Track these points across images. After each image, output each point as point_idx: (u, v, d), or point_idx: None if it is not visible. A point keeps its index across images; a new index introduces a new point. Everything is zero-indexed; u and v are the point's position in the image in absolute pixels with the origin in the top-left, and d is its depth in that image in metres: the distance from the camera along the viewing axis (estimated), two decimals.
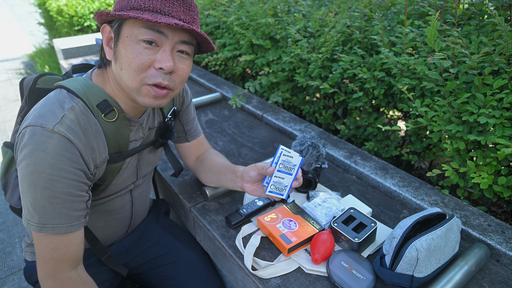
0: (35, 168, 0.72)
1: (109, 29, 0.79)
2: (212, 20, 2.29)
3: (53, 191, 0.74)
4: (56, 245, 0.79)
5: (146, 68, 0.76)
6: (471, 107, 1.03)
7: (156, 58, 0.75)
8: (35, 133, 0.73)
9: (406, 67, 1.23)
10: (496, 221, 0.98)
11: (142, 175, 1.06)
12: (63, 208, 0.76)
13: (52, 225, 0.77)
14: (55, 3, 3.94)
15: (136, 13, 0.72)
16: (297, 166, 0.87)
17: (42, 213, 0.75)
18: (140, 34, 0.74)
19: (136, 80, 0.77)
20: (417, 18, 1.45)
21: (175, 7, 0.75)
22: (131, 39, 0.75)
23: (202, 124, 1.66)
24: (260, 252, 0.93)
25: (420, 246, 0.78)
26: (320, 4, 1.94)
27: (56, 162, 0.73)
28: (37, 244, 0.79)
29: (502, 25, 0.93)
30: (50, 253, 0.79)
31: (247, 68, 2.22)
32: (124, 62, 0.76)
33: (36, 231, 0.77)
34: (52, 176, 0.73)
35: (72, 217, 0.78)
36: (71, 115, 0.77)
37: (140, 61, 0.75)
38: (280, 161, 0.86)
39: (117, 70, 0.78)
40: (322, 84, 1.47)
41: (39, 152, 0.72)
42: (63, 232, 0.78)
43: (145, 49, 0.75)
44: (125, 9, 0.74)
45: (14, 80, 4.38)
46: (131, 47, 0.75)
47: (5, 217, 2.11)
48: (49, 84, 0.93)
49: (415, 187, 1.13)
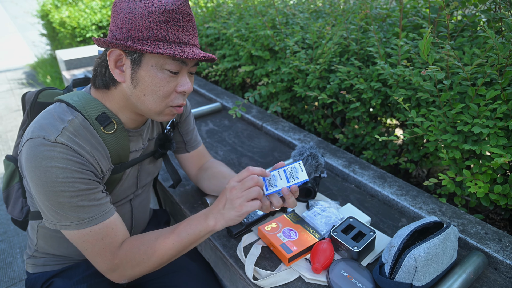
0: (47, 177, 0.74)
1: (120, 53, 0.79)
2: (212, 32, 2.34)
3: (72, 191, 0.76)
4: (104, 233, 0.82)
5: (170, 94, 0.83)
6: (465, 117, 1.05)
7: (178, 82, 0.83)
8: (38, 145, 0.75)
9: (402, 78, 1.26)
10: (493, 229, 1.00)
11: (142, 185, 1.08)
12: (90, 201, 0.80)
13: (89, 218, 0.80)
14: (58, 15, 4.00)
15: (166, 46, 0.76)
16: (299, 180, 0.84)
17: (73, 212, 0.78)
18: (166, 64, 0.78)
19: (162, 104, 0.83)
20: (411, 30, 1.49)
21: (191, 34, 0.80)
22: (156, 68, 0.79)
23: (202, 134, 1.68)
24: (261, 262, 0.94)
25: (418, 255, 0.79)
26: (317, 16, 1.99)
27: (66, 166, 0.75)
28: (85, 242, 0.81)
29: (493, 38, 0.96)
30: (102, 243, 0.82)
31: (247, 78, 2.25)
32: (149, 89, 0.80)
33: (76, 228, 0.79)
34: (66, 179, 0.75)
35: (102, 206, 0.82)
36: (71, 128, 0.79)
37: (167, 89, 0.81)
38: (292, 165, 0.86)
39: (138, 95, 0.82)
40: (320, 94, 1.50)
41: (47, 160, 0.74)
42: (103, 221, 0.82)
43: (171, 77, 0.81)
44: (148, 39, 0.75)
45: (16, 90, 4.42)
46: (157, 76, 0.79)
47: (6, 227, 2.12)
48: (50, 98, 0.96)
49: (413, 196, 1.15)
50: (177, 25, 0.77)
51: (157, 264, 0.85)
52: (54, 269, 1.03)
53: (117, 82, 0.84)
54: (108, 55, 0.80)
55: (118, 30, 0.77)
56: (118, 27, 0.77)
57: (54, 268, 1.04)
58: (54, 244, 1.00)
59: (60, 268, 1.03)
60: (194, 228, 0.84)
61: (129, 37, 0.76)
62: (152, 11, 0.75)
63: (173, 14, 0.76)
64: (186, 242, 0.84)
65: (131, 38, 0.76)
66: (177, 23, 0.77)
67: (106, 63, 0.83)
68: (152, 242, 0.84)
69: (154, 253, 0.84)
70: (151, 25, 0.75)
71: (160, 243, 0.84)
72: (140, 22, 0.75)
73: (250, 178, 0.80)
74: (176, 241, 0.84)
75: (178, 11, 0.77)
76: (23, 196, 1.02)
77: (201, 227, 0.83)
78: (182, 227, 0.85)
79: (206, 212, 0.85)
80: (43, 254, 1.03)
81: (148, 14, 0.75)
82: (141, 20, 0.75)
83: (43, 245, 1.01)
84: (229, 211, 0.80)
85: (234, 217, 0.80)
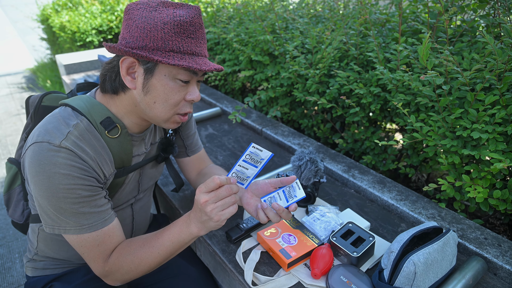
0: (50, 182, 0.75)
1: (133, 61, 0.80)
2: (212, 37, 2.35)
3: (74, 198, 0.78)
4: (101, 240, 0.83)
5: (180, 102, 0.85)
6: (464, 122, 1.06)
7: (187, 92, 0.85)
8: (43, 149, 0.76)
9: (401, 83, 1.26)
10: (493, 234, 1.00)
11: (144, 190, 1.08)
12: (91, 208, 0.81)
13: (89, 224, 0.81)
14: (58, 19, 4.02)
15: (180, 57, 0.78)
16: (264, 160, 0.84)
17: (74, 217, 0.79)
18: (179, 74, 0.81)
19: (170, 112, 0.85)
20: (410, 35, 1.49)
21: (202, 46, 0.82)
22: (169, 77, 0.80)
23: (202, 138, 1.68)
24: (260, 267, 0.94)
25: (418, 261, 0.79)
26: (317, 21, 2.00)
27: (69, 172, 0.76)
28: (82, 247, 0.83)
29: (492, 44, 0.97)
30: (97, 250, 0.84)
31: (247, 83, 2.26)
32: (160, 97, 0.82)
33: (76, 233, 0.81)
34: (69, 185, 0.76)
35: (102, 212, 0.83)
36: (76, 132, 0.80)
37: (178, 98, 0.84)
38: (248, 152, 0.84)
39: (148, 102, 0.83)
40: (320, 99, 1.50)
41: (50, 166, 0.75)
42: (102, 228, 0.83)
43: (181, 87, 0.83)
44: (163, 50, 0.77)
45: (16, 94, 4.43)
46: (169, 85, 0.81)
47: (5, 232, 2.11)
48: (54, 102, 0.96)
49: (413, 201, 1.15)
50: (191, 36, 0.79)
51: (146, 270, 0.87)
52: (53, 273, 1.04)
53: (127, 88, 0.85)
54: (121, 62, 0.81)
55: (132, 38, 0.78)
56: (132, 35, 0.78)
57: (54, 272, 1.04)
58: (55, 248, 1.00)
59: (60, 272, 1.03)
60: (177, 236, 0.84)
61: (143, 46, 0.77)
62: (168, 22, 0.76)
63: (187, 26, 0.78)
64: (171, 249, 0.85)
65: (146, 48, 0.77)
66: (191, 35, 0.79)
67: (117, 69, 0.84)
68: (138, 251, 0.85)
69: (140, 263, 0.85)
70: (166, 36, 0.76)
71: (145, 252, 0.85)
72: (155, 33, 0.76)
73: (224, 189, 0.78)
74: (161, 250, 0.85)
75: (192, 23, 0.78)
76: (24, 199, 1.03)
77: (185, 235, 0.84)
78: (165, 235, 0.85)
79: (187, 219, 0.84)
80: (43, 257, 1.03)
81: (164, 25, 0.76)
82: (156, 30, 0.76)
83: (44, 248, 1.01)
84: (208, 222, 0.80)
85: (215, 226, 0.81)
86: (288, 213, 0.88)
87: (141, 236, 0.90)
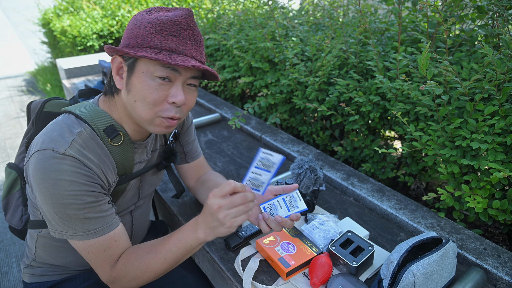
0: (55, 189, 0.75)
1: (121, 60, 0.82)
2: (212, 43, 2.36)
3: (80, 204, 0.77)
4: (107, 245, 0.83)
5: (161, 103, 0.81)
6: (463, 132, 1.06)
7: (169, 93, 0.81)
8: (47, 157, 0.75)
9: (400, 92, 1.27)
10: (492, 245, 1.00)
11: (144, 196, 1.08)
12: (96, 213, 0.81)
13: (95, 229, 0.81)
14: (59, 23, 4.04)
15: (154, 52, 0.76)
16: (276, 164, 0.83)
17: (80, 223, 0.79)
18: (156, 71, 0.78)
19: (150, 113, 0.81)
20: (410, 44, 1.50)
21: (188, 45, 0.80)
22: (147, 75, 0.79)
23: (201, 144, 1.68)
24: (258, 276, 0.93)
25: (417, 271, 0.79)
26: (316, 29, 2.01)
27: (75, 179, 0.76)
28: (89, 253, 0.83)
29: (490, 55, 0.97)
30: (103, 255, 0.83)
31: (246, 89, 2.27)
32: (138, 95, 0.80)
33: (83, 239, 0.81)
34: (74, 192, 0.76)
35: (107, 217, 0.83)
36: (80, 140, 0.80)
37: (155, 97, 0.79)
38: (259, 158, 0.84)
39: (130, 101, 0.82)
40: (320, 106, 1.51)
41: (56, 173, 0.75)
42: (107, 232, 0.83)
43: (160, 85, 0.79)
44: (141, 46, 0.77)
45: (16, 98, 4.43)
46: (146, 82, 0.79)
47: (2, 236, 2.10)
48: (56, 108, 0.97)
49: (412, 210, 1.15)
50: (173, 34, 0.78)
51: (153, 277, 0.86)
52: (51, 279, 1.03)
53: (118, 89, 0.86)
54: (112, 62, 0.83)
55: (123, 39, 0.81)
56: (123, 37, 0.82)
57: (52, 278, 1.03)
58: (53, 254, 0.99)
59: (58, 279, 1.03)
60: (184, 242, 0.83)
61: (127, 45, 0.79)
62: (152, 21, 0.78)
63: (170, 24, 0.78)
64: (178, 255, 0.84)
65: (128, 46, 0.79)
66: (173, 33, 0.78)
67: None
68: (145, 257, 0.84)
69: (147, 269, 0.84)
70: (147, 33, 0.77)
71: (152, 259, 0.84)
72: (138, 31, 0.78)
73: (239, 196, 0.77)
74: (168, 256, 0.84)
75: (177, 22, 0.78)
76: (23, 204, 1.02)
77: (192, 241, 0.83)
78: (172, 241, 0.84)
79: (194, 224, 0.83)
80: (41, 263, 1.03)
81: (147, 24, 0.78)
82: (139, 29, 0.78)
83: (42, 255, 1.01)
84: (218, 228, 0.79)
85: (225, 232, 0.80)
86: (291, 222, 0.87)
87: (148, 242, 0.89)
